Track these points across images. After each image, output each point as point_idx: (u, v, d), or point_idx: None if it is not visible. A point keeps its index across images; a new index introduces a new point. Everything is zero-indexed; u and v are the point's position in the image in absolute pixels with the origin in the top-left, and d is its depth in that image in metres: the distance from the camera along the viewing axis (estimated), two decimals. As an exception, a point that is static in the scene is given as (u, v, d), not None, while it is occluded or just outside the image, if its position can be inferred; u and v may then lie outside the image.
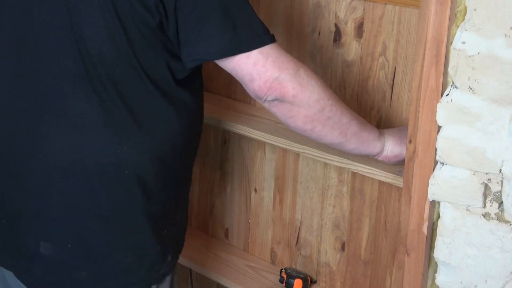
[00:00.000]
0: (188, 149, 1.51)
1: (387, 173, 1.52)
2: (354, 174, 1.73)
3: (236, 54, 1.33)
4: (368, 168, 1.55)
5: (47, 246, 1.43)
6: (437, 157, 1.29)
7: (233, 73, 1.38)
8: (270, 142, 1.73)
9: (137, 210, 1.42)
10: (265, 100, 1.36)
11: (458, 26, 1.23)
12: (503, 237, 1.25)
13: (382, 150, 1.48)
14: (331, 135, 1.42)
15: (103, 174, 1.38)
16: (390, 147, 1.48)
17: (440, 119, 1.27)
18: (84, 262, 1.43)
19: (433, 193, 1.31)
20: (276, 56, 1.34)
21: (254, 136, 1.76)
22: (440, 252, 1.34)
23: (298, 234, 1.90)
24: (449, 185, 1.28)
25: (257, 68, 1.33)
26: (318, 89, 1.38)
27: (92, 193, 1.39)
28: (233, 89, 1.94)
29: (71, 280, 1.45)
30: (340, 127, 1.41)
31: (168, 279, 1.54)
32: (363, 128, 1.45)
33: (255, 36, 1.35)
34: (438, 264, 1.35)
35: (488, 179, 1.25)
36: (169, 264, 1.52)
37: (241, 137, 1.93)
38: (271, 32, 1.38)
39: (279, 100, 1.35)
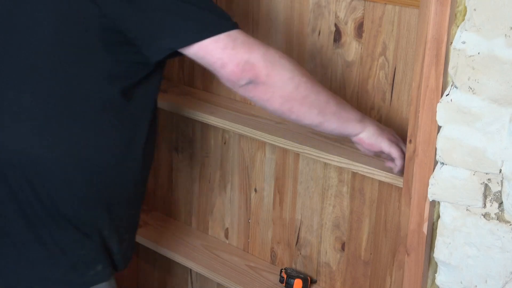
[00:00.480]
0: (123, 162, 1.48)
1: (387, 173, 1.52)
2: (354, 174, 1.73)
3: (204, 38, 1.31)
4: (368, 168, 1.55)
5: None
6: (437, 157, 1.29)
7: (204, 61, 1.35)
8: (270, 142, 1.73)
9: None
10: (240, 86, 1.34)
11: (458, 26, 1.23)
12: (503, 237, 1.25)
13: (361, 132, 1.45)
14: (310, 115, 1.39)
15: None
16: (369, 133, 1.45)
17: (440, 119, 1.27)
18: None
19: (433, 193, 1.31)
20: (244, 39, 1.33)
21: (254, 136, 1.76)
22: (440, 252, 1.34)
23: (298, 234, 1.90)
24: (449, 185, 1.28)
25: (227, 52, 1.31)
26: (290, 66, 1.36)
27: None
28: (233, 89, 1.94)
29: None
30: (318, 105, 1.38)
31: None
32: (342, 107, 1.42)
33: (221, 21, 1.34)
34: (438, 264, 1.35)
35: (488, 179, 1.25)
36: (98, 274, 1.48)
37: (241, 137, 1.93)
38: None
39: (253, 82, 1.33)
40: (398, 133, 1.65)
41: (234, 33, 1.33)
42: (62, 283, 1.44)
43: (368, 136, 1.45)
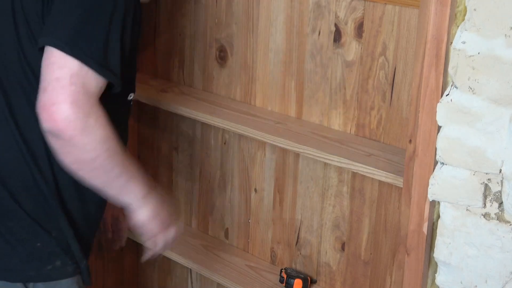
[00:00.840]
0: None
1: (387, 173, 1.52)
2: (354, 174, 1.73)
3: (58, 48, 1.26)
4: (368, 168, 1.55)
5: None
6: (437, 157, 1.29)
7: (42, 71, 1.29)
8: (270, 142, 1.73)
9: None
10: (46, 130, 1.28)
11: (458, 26, 1.23)
12: (503, 237, 1.25)
13: (138, 208, 1.45)
14: (94, 181, 1.37)
15: None
16: (145, 216, 1.46)
17: (440, 119, 1.27)
18: None
19: (433, 193, 1.31)
20: (84, 87, 1.27)
21: (254, 136, 1.76)
22: (440, 252, 1.34)
23: (298, 234, 1.90)
24: (449, 185, 1.28)
25: (61, 83, 1.26)
26: (100, 139, 1.30)
27: None
28: (233, 89, 1.94)
29: None
30: (106, 177, 1.36)
31: (55, 284, 1.46)
32: (128, 185, 1.40)
33: (91, 49, 1.28)
34: (438, 264, 1.35)
35: (488, 179, 1.25)
36: (57, 270, 1.45)
37: (241, 137, 1.93)
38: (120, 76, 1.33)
39: (55, 136, 1.28)
40: (398, 133, 1.65)
41: (85, 71, 1.27)
42: (18, 273, 1.43)
43: (143, 214, 1.46)
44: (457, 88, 1.24)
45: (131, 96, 1.51)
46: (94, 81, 1.28)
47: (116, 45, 1.31)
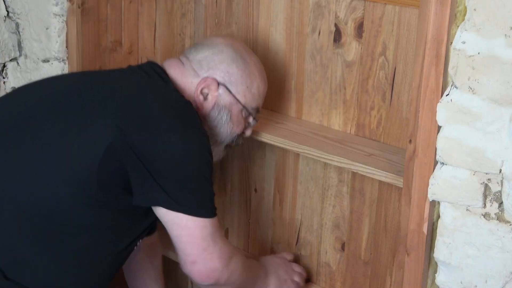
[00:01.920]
0: None
1: (387, 173, 1.52)
2: (354, 174, 1.73)
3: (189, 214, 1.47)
4: (368, 168, 1.55)
5: None
6: (437, 157, 1.29)
7: (172, 233, 1.51)
8: (270, 142, 1.73)
9: None
10: (199, 283, 1.53)
11: (458, 26, 1.23)
12: (503, 237, 1.25)
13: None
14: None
15: None
16: None
17: (440, 119, 1.27)
18: None
19: (433, 193, 1.31)
20: (222, 237, 1.52)
21: (254, 136, 1.76)
22: (440, 252, 1.34)
23: (298, 234, 1.90)
24: (449, 185, 1.28)
25: (202, 250, 1.48)
26: (240, 273, 1.56)
27: None
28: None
29: None
30: (242, 282, 1.60)
31: None
32: (255, 278, 1.67)
33: (207, 203, 1.51)
34: (438, 264, 1.35)
35: (488, 179, 1.25)
36: None
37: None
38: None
39: (215, 285, 1.51)
40: (398, 133, 1.65)
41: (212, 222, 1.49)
42: None
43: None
44: (457, 88, 1.24)
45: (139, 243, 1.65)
46: (217, 223, 1.52)
47: (210, 187, 1.53)
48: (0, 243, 1.44)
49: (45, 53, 2.03)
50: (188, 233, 1.47)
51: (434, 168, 1.31)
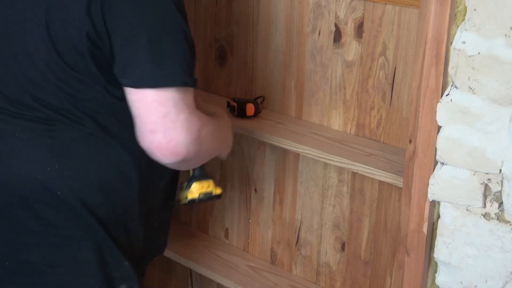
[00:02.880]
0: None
1: (387, 173, 1.52)
2: (354, 174, 1.73)
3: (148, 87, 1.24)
4: (368, 168, 1.55)
5: None
6: (437, 157, 1.29)
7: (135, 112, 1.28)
8: (270, 142, 1.73)
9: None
10: (161, 160, 1.30)
11: (458, 26, 1.23)
12: (503, 237, 1.25)
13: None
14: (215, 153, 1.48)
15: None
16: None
17: (440, 119, 1.27)
18: (21, 277, 1.39)
19: (433, 193, 1.31)
20: (188, 106, 1.26)
21: (254, 136, 1.76)
22: (440, 252, 1.33)
23: (298, 234, 1.90)
24: (449, 185, 1.28)
25: (166, 120, 1.25)
26: (211, 141, 1.36)
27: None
28: (233, 89, 1.94)
29: None
30: (213, 154, 1.46)
31: None
32: (225, 146, 1.54)
33: (177, 68, 1.26)
34: (438, 264, 1.35)
35: (488, 179, 1.25)
36: None
37: (241, 137, 1.93)
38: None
39: (179, 162, 1.30)
40: (398, 133, 1.65)
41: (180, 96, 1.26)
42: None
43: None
44: (457, 88, 1.24)
45: None
46: (191, 95, 1.27)
47: (187, 48, 1.28)
48: None
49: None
50: (142, 99, 1.26)
51: (434, 168, 1.31)
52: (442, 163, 1.29)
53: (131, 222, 1.44)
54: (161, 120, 1.23)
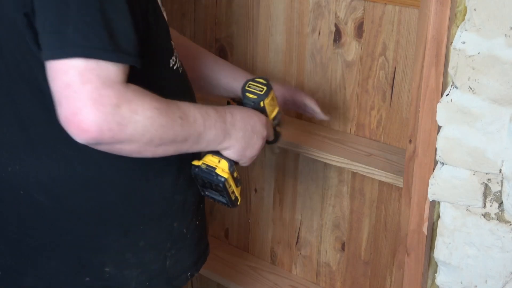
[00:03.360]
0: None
1: (387, 173, 1.52)
2: (354, 174, 1.73)
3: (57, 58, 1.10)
4: (368, 168, 1.55)
5: None
6: (437, 157, 1.29)
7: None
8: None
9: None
10: (75, 139, 1.12)
11: (458, 26, 1.23)
12: (503, 237, 1.25)
13: (223, 149, 1.31)
14: (166, 153, 1.22)
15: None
16: (234, 153, 1.32)
17: (440, 119, 1.27)
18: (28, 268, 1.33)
19: (433, 193, 1.31)
20: (101, 79, 1.10)
21: (254, 136, 1.76)
22: (440, 252, 1.34)
23: (298, 234, 1.90)
24: (449, 185, 1.28)
25: (69, 90, 1.09)
26: (145, 123, 1.14)
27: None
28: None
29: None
30: (174, 146, 1.22)
31: None
32: (203, 137, 1.25)
33: (89, 38, 1.11)
34: (438, 264, 1.35)
35: (488, 179, 1.25)
36: None
37: (241, 137, 1.93)
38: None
39: (94, 144, 1.13)
40: (398, 133, 1.65)
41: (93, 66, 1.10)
42: None
43: (234, 153, 1.33)
44: (457, 88, 1.24)
45: (173, 61, 1.32)
46: (109, 69, 1.11)
47: (120, 20, 1.14)
48: None
49: (45, 53, 2.03)
50: (50, 70, 1.12)
51: (434, 168, 1.31)
52: (442, 163, 1.29)
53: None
54: (63, 90, 1.10)
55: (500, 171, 1.22)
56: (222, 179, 1.33)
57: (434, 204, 1.35)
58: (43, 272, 1.31)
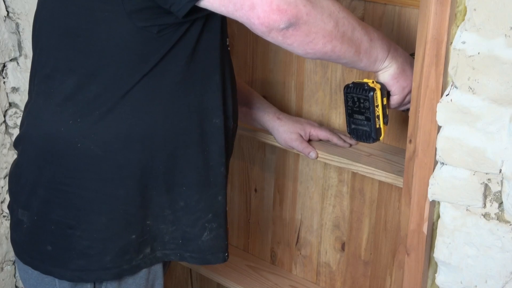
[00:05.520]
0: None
1: (387, 173, 1.52)
2: (354, 174, 1.73)
3: None
4: (368, 168, 1.55)
5: (24, 213, 1.39)
6: (437, 157, 1.29)
7: (229, 9, 1.18)
8: (270, 142, 1.73)
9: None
10: (279, 29, 1.17)
11: (458, 26, 1.23)
12: (503, 237, 1.25)
13: (381, 70, 1.38)
14: (349, 53, 1.27)
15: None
16: (389, 75, 1.38)
17: (440, 119, 1.27)
18: (48, 236, 1.37)
19: (433, 193, 1.31)
20: None
21: (254, 136, 1.76)
22: (440, 252, 1.34)
23: (298, 234, 1.90)
24: (449, 185, 1.28)
25: None
26: (331, 8, 1.22)
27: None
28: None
29: (39, 253, 1.39)
30: (354, 43, 1.28)
31: (144, 272, 1.42)
32: (373, 45, 1.32)
33: None
34: (438, 264, 1.35)
35: (488, 179, 1.25)
36: (147, 257, 1.40)
37: (241, 137, 1.93)
38: None
39: (294, 24, 1.17)
40: (398, 133, 1.65)
41: None
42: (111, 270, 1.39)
43: (388, 78, 1.39)
44: (457, 88, 1.24)
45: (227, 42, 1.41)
46: None
47: None
48: None
49: (45, 53, 2.03)
50: None
51: (434, 168, 1.31)
52: (442, 163, 1.29)
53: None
54: None
55: (500, 171, 1.22)
56: (371, 92, 1.39)
57: (434, 204, 1.35)
58: (93, 228, 1.35)
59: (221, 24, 1.38)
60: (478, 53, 1.20)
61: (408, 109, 1.42)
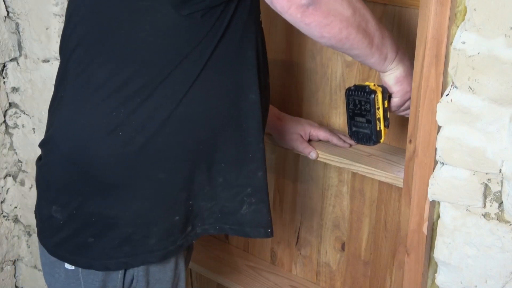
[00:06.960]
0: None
1: (387, 173, 1.52)
2: (354, 174, 1.73)
3: None
4: (368, 168, 1.55)
5: (58, 210, 1.39)
6: (437, 157, 1.29)
7: None
8: (270, 142, 1.73)
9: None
10: (299, 5, 1.20)
11: (458, 26, 1.23)
12: (503, 237, 1.25)
13: (387, 71, 1.41)
14: (362, 44, 1.30)
15: None
16: (395, 77, 1.41)
17: (440, 119, 1.27)
18: (90, 228, 1.37)
19: (433, 193, 1.31)
20: None
21: (254, 136, 1.76)
22: (440, 252, 1.34)
23: (298, 234, 1.90)
24: (449, 185, 1.28)
25: None
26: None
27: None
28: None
29: (78, 248, 1.39)
30: (368, 35, 1.30)
31: (172, 263, 1.45)
32: (384, 43, 1.35)
33: None
34: (438, 264, 1.35)
35: (488, 179, 1.25)
36: (188, 235, 1.42)
37: (241, 137, 1.93)
38: None
39: (315, 3, 1.19)
40: (398, 133, 1.65)
41: None
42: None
43: (392, 81, 1.42)
44: (457, 88, 1.24)
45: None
46: None
47: None
48: None
49: (45, 53, 2.03)
50: None
51: (434, 168, 1.31)
52: (442, 163, 1.29)
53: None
54: None
55: (500, 171, 1.23)
56: (372, 94, 1.42)
57: (434, 204, 1.35)
58: (137, 214, 1.36)
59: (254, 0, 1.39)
60: (478, 53, 1.20)
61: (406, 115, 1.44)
